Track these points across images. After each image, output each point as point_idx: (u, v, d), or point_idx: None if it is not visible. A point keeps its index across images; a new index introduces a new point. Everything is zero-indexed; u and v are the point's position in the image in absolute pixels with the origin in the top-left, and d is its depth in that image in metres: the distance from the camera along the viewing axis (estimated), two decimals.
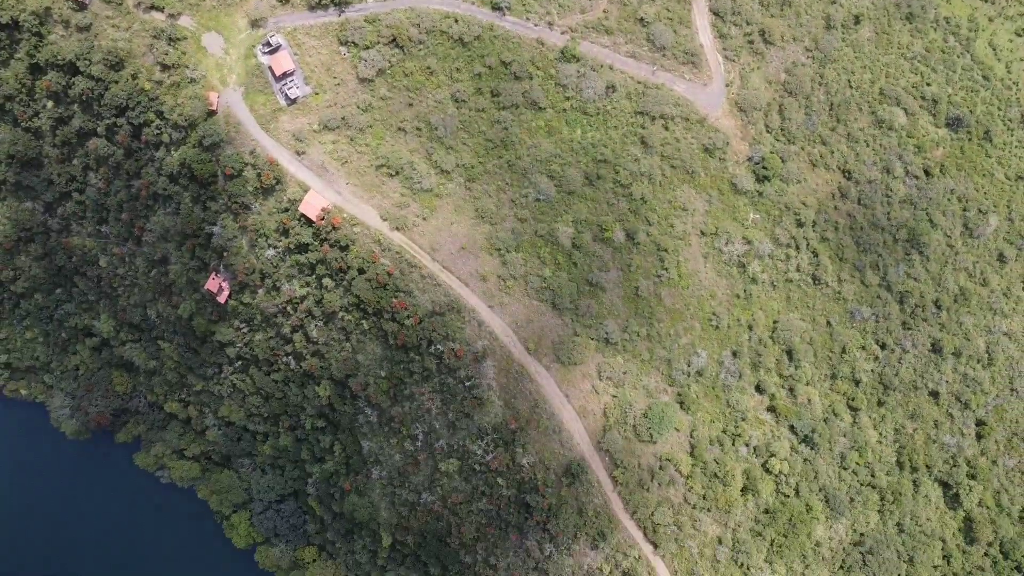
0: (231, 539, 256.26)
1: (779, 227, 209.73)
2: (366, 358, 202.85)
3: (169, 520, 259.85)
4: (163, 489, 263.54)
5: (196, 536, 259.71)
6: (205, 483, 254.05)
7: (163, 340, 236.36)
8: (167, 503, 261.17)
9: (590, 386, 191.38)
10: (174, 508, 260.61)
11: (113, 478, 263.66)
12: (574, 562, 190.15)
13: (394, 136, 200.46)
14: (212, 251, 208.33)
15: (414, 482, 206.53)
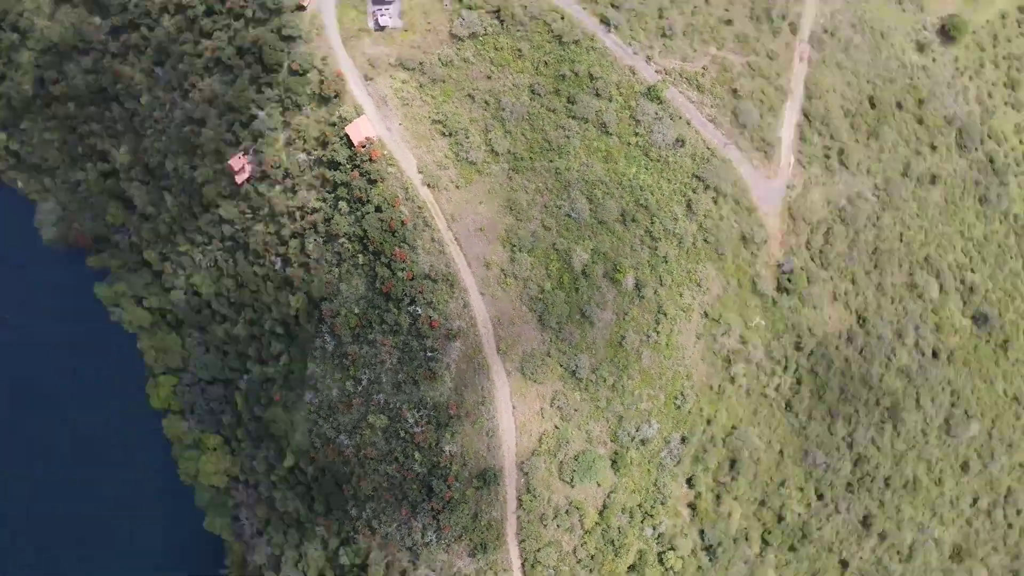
0: (148, 397, 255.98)
1: (778, 342, 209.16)
2: (348, 289, 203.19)
3: (97, 354, 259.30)
4: (107, 326, 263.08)
5: (117, 381, 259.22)
6: (149, 336, 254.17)
7: (169, 192, 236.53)
8: (103, 338, 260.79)
9: (539, 408, 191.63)
10: (107, 345, 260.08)
11: (67, 294, 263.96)
12: (447, 559, 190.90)
13: (461, 100, 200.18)
14: (249, 133, 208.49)
15: (339, 421, 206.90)
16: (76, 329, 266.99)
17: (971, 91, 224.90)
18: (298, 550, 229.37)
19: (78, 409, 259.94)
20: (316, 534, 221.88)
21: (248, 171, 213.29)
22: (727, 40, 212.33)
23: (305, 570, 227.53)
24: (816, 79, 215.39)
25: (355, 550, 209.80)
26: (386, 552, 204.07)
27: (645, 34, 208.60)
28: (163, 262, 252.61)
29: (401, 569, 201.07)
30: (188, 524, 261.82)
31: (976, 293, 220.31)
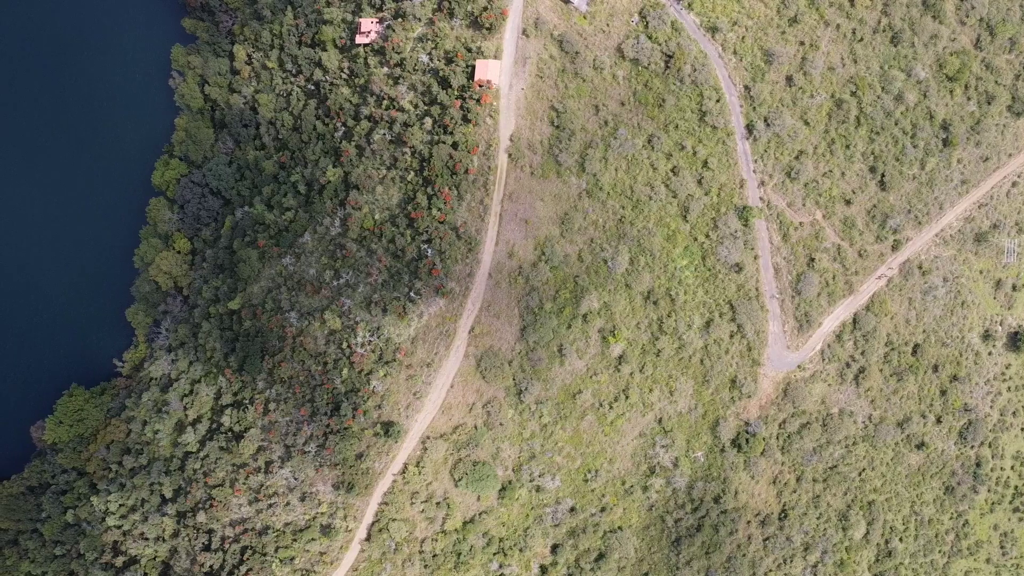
0: (155, 170, 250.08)
1: (704, 483, 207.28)
2: (382, 193, 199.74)
3: (133, 103, 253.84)
4: (158, 83, 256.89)
5: (138, 126, 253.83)
6: (189, 119, 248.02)
7: (292, 7, 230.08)
8: (149, 93, 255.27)
9: (472, 402, 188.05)
10: (147, 101, 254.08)
11: (147, 34, 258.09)
12: (311, 477, 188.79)
13: (586, 106, 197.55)
14: (394, 6, 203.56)
15: (298, 299, 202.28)
16: (133, 67, 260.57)
17: (1002, 399, 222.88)
18: (192, 385, 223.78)
19: None
20: (215, 381, 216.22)
21: (371, 38, 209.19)
22: (835, 216, 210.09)
23: (187, 405, 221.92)
24: (883, 299, 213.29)
25: (240, 417, 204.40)
26: (265, 436, 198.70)
27: (775, 162, 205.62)
28: (246, 64, 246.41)
29: (268, 459, 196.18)
30: (113, 300, 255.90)
31: (892, 558, 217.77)
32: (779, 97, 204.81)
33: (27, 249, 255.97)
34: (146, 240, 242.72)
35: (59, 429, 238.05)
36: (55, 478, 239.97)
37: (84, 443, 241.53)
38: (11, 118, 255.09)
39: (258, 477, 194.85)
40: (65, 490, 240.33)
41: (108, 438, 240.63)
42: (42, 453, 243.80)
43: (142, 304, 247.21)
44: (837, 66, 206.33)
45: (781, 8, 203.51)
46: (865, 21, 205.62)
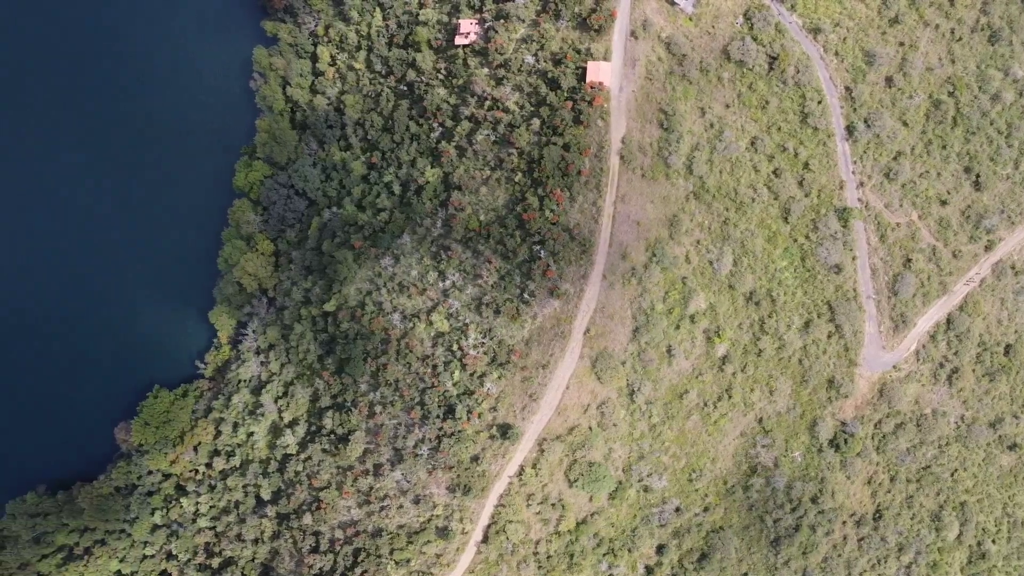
0: (235, 171, 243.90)
1: (802, 483, 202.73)
2: (487, 194, 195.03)
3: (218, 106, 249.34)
4: (239, 86, 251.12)
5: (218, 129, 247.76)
6: (271, 121, 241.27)
7: (382, 9, 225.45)
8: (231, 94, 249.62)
9: (587, 403, 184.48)
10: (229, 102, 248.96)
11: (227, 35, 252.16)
12: (424, 479, 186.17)
13: (693, 108, 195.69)
14: (495, 7, 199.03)
15: (401, 301, 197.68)
16: (213, 70, 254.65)
17: None
18: (287, 387, 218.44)
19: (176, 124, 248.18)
20: (311, 383, 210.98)
21: (471, 39, 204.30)
22: (931, 216, 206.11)
23: (282, 408, 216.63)
24: (977, 299, 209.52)
25: (343, 419, 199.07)
26: (371, 439, 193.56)
27: (873, 163, 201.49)
28: (331, 65, 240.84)
29: (377, 462, 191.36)
30: (192, 302, 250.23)
31: (986, 560, 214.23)
32: (879, 98, 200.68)
33: (108, 252, 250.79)
34: (230, 242, 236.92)
35: (146, 431, 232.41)
36: (141, 479, 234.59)
37: (170, 445, 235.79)
38: (96, 122, 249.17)
39: (367, 480, 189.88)
40: (152, 491, 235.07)
41: (195, 440, 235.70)
42: (126, 455, 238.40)
43: (225, 306, 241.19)
44: (935, 66, 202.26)
45: (882, 9, 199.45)
46: (964, 20, 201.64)
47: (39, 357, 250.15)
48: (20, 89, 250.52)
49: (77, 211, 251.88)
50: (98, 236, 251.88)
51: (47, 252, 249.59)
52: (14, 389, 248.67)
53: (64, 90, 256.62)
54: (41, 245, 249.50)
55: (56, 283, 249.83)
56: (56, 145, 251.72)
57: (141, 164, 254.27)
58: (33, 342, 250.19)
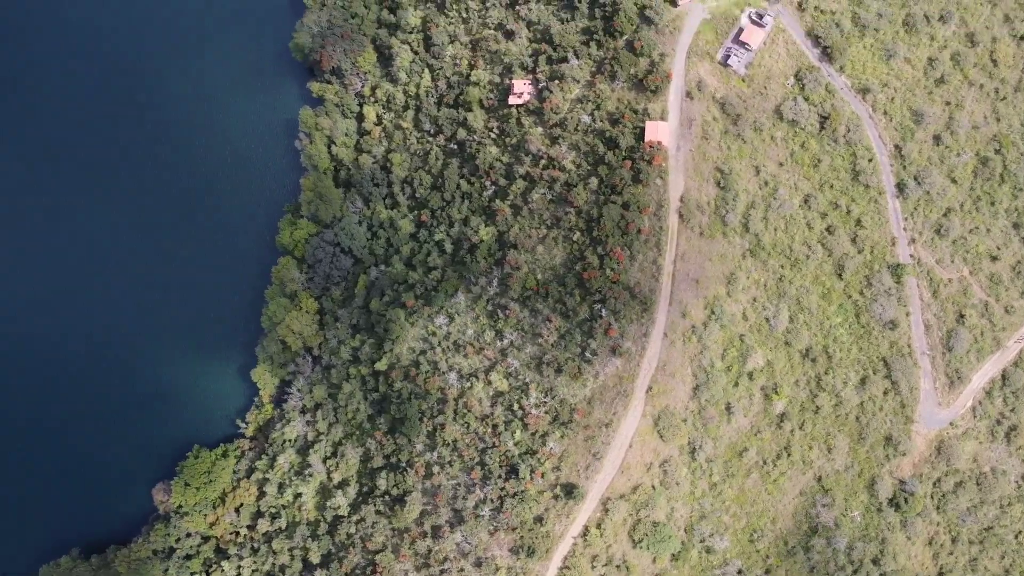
0: (279, 230, 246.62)
1: (862, 543, 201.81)
2: (544, 253, 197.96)
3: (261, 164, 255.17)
4: (284, 145, 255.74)
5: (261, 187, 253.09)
6: (316, 179, 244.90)
7: (430, 70, 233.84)
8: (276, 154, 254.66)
9: (650, 461, 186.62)
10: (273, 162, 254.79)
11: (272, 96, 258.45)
12: (486, 541, 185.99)
13: (747, 167, 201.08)
14: (549, 68, 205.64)
15: (457, 360, 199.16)
16: (259, 129, 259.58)
17: None
18: (335, 447, 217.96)
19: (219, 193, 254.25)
20: (361, 443, 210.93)
21: (524, 99, 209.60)
22: (982, 272, 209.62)
23: (331, 468, 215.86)
24: None
25: (397, 480, 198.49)
26: (428, 500, 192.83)
27: (924, 220, 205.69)
28: (376, 125, 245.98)
29: (436, 524, 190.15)
30: (233, 360, 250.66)
31: None
32: (927, 156, 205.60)
33: (145, 309, 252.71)
34: (274, 300, 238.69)
35: (186, 492, 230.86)
36: (179, 542, 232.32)
37: (210, 506, 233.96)
38: (141, 181, 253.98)
39: (425, 542, 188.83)
40: (191, 555, 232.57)
41: (237, 501, 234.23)
42: (163, 516, 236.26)
43: (267, 365, 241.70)
44: (981, 124, 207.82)
45: (928, 69, 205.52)
46: (1007, 80, 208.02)
47: (74, 417, 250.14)
48: (72, 147, 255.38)
49: (118, 268, 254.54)
50: (137, 293, 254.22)
51: (86, 309, 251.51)
52: (48, 449, 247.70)
53: (111, 148, 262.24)
54: (81, 302, 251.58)
55: (92, 341, 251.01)
56: (102, 204, 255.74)
57: (184, 222, 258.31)
58: (68, 401, 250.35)
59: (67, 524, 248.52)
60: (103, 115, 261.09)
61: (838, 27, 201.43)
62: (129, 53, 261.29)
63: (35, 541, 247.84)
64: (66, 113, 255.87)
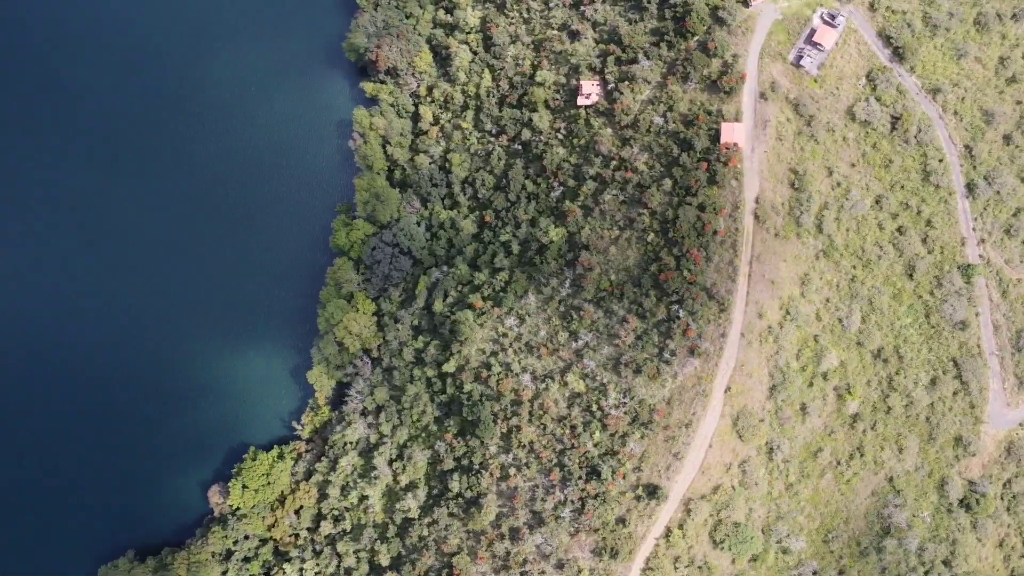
0: (333, 230, 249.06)
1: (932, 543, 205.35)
2: (617, 254, 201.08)
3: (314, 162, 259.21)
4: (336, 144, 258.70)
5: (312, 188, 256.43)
6: (371, 179, 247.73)
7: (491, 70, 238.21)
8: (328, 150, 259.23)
9: (729, 462, 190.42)
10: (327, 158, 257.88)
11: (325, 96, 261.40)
12: (566, 543, 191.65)
13: (820, 167, 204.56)
14: (618, 69, 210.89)
15: (529, 362, 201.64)
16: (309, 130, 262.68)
17: None
18: (401, 449, 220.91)
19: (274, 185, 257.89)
20: (428, 445, 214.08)
21: (593, 99, 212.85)
22: None
23: (397, 471, 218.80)
24: None
25: (471, 482, 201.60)
26: (504, 502, 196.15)
27: (993, 219, 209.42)
28: (433, 125, 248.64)
29: (513, 526, 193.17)
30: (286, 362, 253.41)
31: None
32: (997, 156, 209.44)
33: (196, 312, 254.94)
34: (331, 302, 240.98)
35: (245, 494, 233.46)
36: (237, 544, 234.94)
37: (268, 508, 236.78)
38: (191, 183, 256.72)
39: (503, 544, 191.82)
40: (249, 557, 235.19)
41: (297, 503, 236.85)
42: (219, 519, 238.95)
43: (324, 367, 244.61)
44: None
45: (999, 69, 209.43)
46: None
47: (128, 419, 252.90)
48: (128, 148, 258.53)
49: (167, 270, 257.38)
50: (188, 295, 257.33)
51: (140, 312, 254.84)
52: (102, 451, 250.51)
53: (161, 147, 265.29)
54: (135, 305, 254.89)
55: (146, 343, 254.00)
56: (155, 205, 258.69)
57: (235, 224, 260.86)
58: (121, 404, 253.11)
59: (121, 526, 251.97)
60: (155, 114, 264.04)
61: (909, 27, 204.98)
62: (180, 54, 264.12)
63: (90, 543, 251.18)
64: (122, 113, 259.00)
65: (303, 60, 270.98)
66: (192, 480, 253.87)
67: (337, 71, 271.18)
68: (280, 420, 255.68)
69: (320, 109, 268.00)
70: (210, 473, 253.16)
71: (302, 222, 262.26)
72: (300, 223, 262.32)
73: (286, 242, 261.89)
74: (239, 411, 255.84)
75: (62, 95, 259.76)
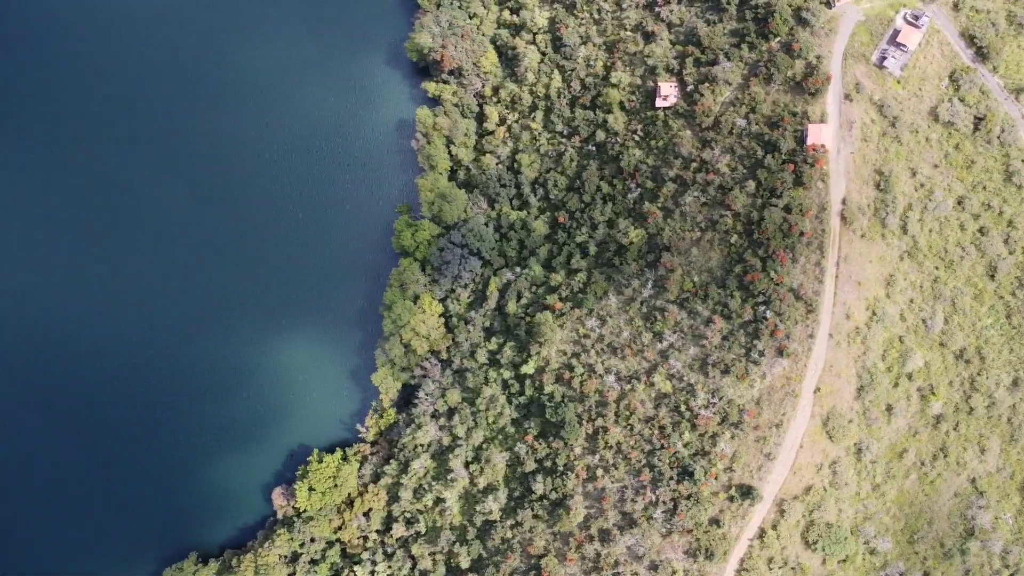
0: (396, 231, 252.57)
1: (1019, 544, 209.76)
2: (699, 255, 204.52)
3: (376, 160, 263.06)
4: (399, 145, 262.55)
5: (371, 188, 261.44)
6: (434, 179, 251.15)
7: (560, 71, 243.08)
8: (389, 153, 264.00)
9: (820, 462, 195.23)
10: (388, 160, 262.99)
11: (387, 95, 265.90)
12: (658, 544, 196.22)
13: (903, 169, 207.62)
14: (696, 71, 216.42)
15: (612, 363, 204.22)
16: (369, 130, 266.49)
17: None
18: (476, 451, 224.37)
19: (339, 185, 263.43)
20: (506, 447, 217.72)
21: (671, 100, 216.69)
22: None
23: (475, 473, 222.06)
24: None
25: (556, 484, 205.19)
26: (592, 503, 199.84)
27: None
28: (499, 125, 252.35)
29: (603, 527, 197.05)
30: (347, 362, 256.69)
31: None
32: None
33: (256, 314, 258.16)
34: (398, 303, 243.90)
35: (312, 496, 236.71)
36: (303, 547, 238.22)
37: (335, 511, 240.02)
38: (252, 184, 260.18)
39: (592, 546, 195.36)
40: (316, 559, 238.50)
41: (366, 506, 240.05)
42: (283, 521, 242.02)
43: (388, 368, 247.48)
44: None
45: None
46: None
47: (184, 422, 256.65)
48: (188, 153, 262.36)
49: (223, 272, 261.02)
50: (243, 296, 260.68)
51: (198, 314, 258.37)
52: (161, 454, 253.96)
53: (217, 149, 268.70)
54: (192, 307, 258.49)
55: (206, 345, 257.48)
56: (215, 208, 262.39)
57: (296, 226, 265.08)
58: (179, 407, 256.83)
59: (182, 528, 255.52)
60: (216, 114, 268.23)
61: (993, 26, 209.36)
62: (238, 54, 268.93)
63: (153, 545, 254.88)
64: (188, 115, 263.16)
65: (362, 60, 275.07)
66: (250, 482, 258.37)
67: (395, 71, 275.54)
68: (340, 422, 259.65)
69: (379, 109, 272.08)
70: (268, 475, 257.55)
71: (361, 223, 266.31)
72: (360, 224, 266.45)
73: (346, 243, 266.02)
74: (295, 413, 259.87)
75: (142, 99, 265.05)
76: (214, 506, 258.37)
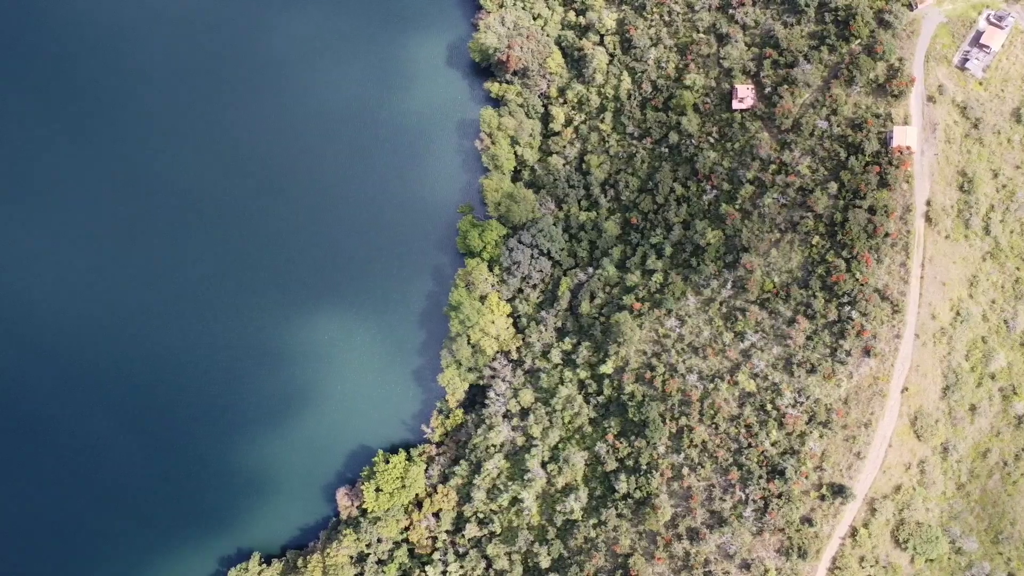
0: (460, 231, 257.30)
1: None
2: (779, 256, 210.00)
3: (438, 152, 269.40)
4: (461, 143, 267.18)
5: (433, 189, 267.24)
6: (499, 179, 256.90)
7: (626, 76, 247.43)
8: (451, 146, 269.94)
9: (909, 461, 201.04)
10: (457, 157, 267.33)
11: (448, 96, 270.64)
12: (749, 543, 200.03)
13: (987, 171, 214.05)
14: (774, 72, 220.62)
15: (694, 363, 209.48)
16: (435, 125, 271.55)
17: None
18: (554, 451, 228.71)
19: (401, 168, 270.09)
20: (583, 446, 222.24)
21: (748, 103, 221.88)
22: None
23: (553, 473, 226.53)
24: None
25: (640, 483, 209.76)
26: (679, 502, 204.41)
27: None
28: (566, 126, 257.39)
29: (691, 526, 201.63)
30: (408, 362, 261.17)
31: None
32: None
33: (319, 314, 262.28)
34: (466, 303, 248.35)
35: (379, 497, 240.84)
36: (371, 547, 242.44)
37: (403, 512, 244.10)
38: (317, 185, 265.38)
39: (681, 544, 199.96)
40: (383, 560, 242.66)
41: (436, 506, 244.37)
42: (348, 521, 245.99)
43: (456, 369, 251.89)
44: None
45: None
46: None
47: (246, 423, 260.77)
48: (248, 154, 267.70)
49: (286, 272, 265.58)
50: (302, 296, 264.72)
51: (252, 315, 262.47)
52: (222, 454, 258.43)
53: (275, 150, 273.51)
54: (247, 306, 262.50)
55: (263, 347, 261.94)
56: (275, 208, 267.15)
57: (358, 225, 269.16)
58: (241, 407, 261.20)
59: (240, 530, 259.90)
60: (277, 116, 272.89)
61: None
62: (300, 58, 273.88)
63: (214, 547, 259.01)
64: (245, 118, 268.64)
65: (422, 60, 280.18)
66: (308, 483, 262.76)
67: (455, 71, 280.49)
68: (401, 423, 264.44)
69: (441, 109, 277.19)
70: (326, 476, 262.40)
71: (423, 222, 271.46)
72: (421, 224, 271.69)
73: (407, 243, 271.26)
74: (354, 415, 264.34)
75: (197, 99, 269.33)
76: (272, 507, 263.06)
